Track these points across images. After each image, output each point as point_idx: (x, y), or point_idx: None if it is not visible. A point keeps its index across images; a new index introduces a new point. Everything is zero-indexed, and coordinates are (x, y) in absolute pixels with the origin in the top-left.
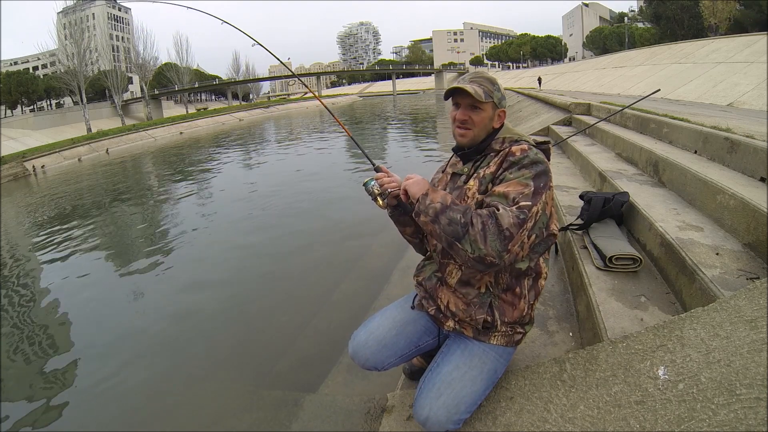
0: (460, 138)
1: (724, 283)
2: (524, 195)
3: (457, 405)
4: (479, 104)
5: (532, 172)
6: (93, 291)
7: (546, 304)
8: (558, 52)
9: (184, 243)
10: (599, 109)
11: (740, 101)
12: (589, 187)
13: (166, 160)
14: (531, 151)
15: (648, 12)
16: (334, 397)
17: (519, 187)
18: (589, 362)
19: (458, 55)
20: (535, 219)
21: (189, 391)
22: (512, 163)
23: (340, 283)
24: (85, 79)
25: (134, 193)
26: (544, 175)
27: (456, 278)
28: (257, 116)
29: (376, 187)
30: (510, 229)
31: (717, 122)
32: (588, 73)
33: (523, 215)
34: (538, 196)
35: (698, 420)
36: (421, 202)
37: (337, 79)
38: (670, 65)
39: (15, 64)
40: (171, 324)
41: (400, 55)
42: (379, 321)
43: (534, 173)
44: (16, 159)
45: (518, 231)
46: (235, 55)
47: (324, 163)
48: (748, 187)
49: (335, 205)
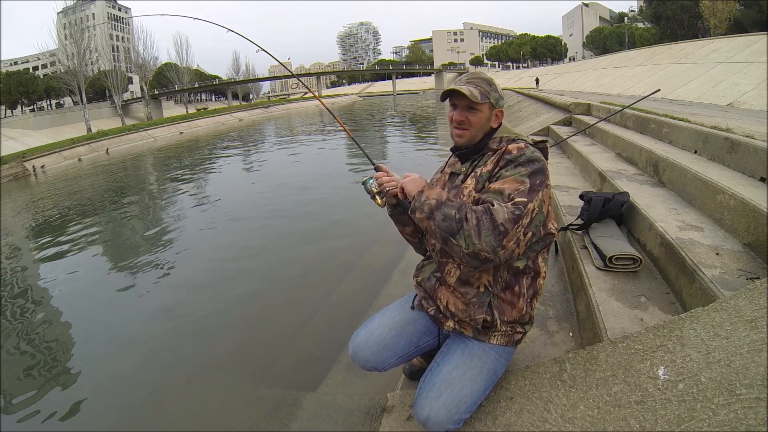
0: (458, 138)
1: (724, 283)
2: (520, 191)
3: (458, 405)
4: (476, 105)
5: (529, 169)
6: (92, 290)
7: (546, 304)
8: (558, 52)
9: (183, 243)
10: (599, 109)
11: (740, 101)
12: (589, 187)
13: (166, 160)
14: (527, 150)
15: (648, 12)
16: (333, 396)
17: (515, 183)
18: (589, 362)
19: (458, 55)
20: (531, 216)
21: (189, 391)
22: (508, 161)
23: (340, 283)
24: (85, 79)
25: (134, 192)
26: (541, 173)
27: (455, 277)
28: (257, 116)
29: (374, 186)
30: (504, 224)
31: (717, 122)
32: (588, 73)
33: (519, 211)
34: (534, 193)
35: (698, 420)
36: (416, 199)
37: (337, 79)
38: (670, 65)
39: (15, 64)
40: (171, 324)
41: (400, 55)
42: (379, 321)
43: (530, 171)
44: (16, 159)
45: (513, 226)
46: (235, 55)
47: (324, 162)
48: (748, 187)
49: (335, 204)
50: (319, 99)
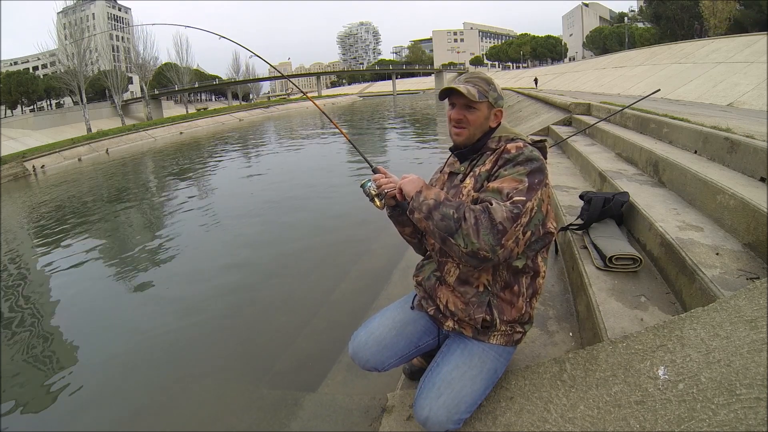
0: (456, 137)
1: (724, 283)
2: (518, 190)
3: (458, 404)
4: (474, 104)
5: (527, 168)
6: (92, 290)
7: (546, 304)
8: (558, 52)
9: (183, 243)
10: (599, 109)
11: (740, 101)
12: (589, 187)
13: (166, 160)
14: (526, 149)
15: (648, 12)
16: (333, 396)
17: (513, 182)
18: (589, 362)
19: (458, 55)
20: (529, 215)
21: (189, 391)
22: (507, 160)
23: (340, 283)
24: (85, 79)
25: (134, 192)
26: (539, 172)
27: (454, 276)
28: (257, 116)
29: (372, 188)
30: (503, 223)
31: (717, 122)
32: (588, 73)
33: (517, 210)
34: (532, 192)
35: (698, 420)
36: (415, 200)
37: (337, 79)
38: (670, 65)
39: (15, 64)
40: (171, 324)
41: (400, 55)
42: (379, 321)
43: (529, 170)
44: (16, 159)
45: (512, 225)
46: (235, 56)
47: (324, 163)
48: (748, 187)
49: (335, 205)
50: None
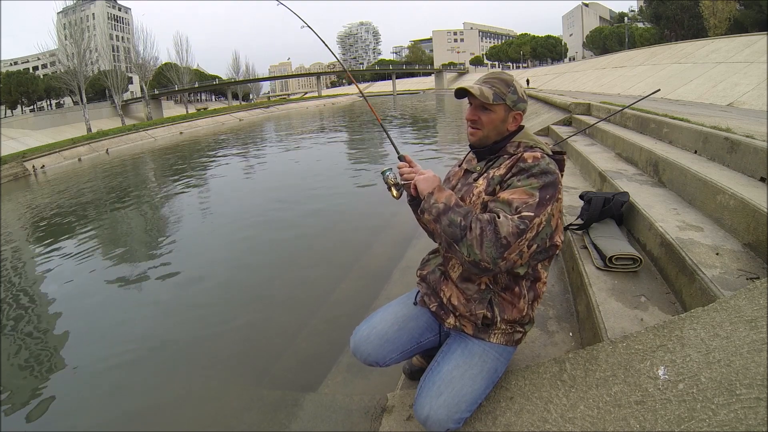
0: (471, 137)
1: (724, 283)
2: (528, 205)
3: (458, 404)
4: (489, 105)
5: (540, 182)
6: (92, 289)
7: (546, 304)
8: (558, 52)
9: (182, 243)
10: (599, 109)
11: (740, 101)
12: (589, 187)
13: (166, 160)
14: (543, 160)
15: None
16: (333, 396)
17: (524, 196)
18: (589, 362)
19: (458, 55)
20: (537, 230)
21: (188, 391)
22: (522, 169)
23: (340, 283)
24: (85, 79)
25: (134, 192)
26: (552, 186)
27: (458, 272)
28: (257, 116)
29: (391, 178)
30: (508, 237)
31: (717, 122)
32: (588, 73)
33: (524, 225)
34: (542, 207)
35: (698, 420)
36: (426, 201)
37: (337, 79)
38: (670, 65)
39: (15, 64)
40: (170, 324)
41: (400, 55)
42: (382, 316)
43: (542, 184)
44: (16, 159)
45: (516, 240)
46: (235, 55)
47: (324, 163)
48: (748, 187)
49: (336, 205)
50: (361, 92)
